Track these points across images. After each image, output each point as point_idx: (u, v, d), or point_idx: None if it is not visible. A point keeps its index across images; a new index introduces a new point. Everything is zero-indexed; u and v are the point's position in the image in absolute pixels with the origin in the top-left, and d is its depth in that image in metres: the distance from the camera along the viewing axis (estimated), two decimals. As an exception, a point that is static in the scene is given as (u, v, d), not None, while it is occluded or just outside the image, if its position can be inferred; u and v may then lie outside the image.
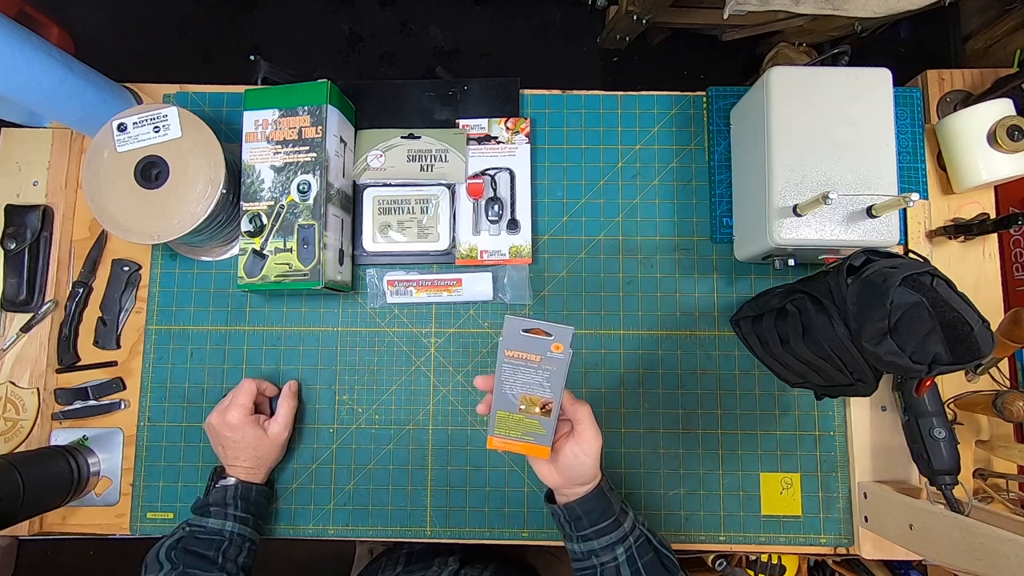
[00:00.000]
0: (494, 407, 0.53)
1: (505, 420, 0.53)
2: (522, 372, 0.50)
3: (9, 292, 0.71)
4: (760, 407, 0.71)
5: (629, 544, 0.55)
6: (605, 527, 0.55)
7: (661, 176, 0.75)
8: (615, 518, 0.55)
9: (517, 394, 0.51)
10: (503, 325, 0.49)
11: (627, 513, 0.57)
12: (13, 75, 0.58)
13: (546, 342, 0.48)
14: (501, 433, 0.54)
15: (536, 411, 0.52)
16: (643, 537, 0.56)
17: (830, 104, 0.61)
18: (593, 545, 0.55)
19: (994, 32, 1.30)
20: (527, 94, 0.76)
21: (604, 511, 0.55)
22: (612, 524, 0.55)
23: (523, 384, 0.51)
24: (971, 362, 0.49)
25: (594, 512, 0.54)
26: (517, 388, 0.51)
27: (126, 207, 0.62)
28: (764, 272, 0.73)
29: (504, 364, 0.50)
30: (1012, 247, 0.72)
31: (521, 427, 0.53)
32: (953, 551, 0.53)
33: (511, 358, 0.50)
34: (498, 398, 0.52)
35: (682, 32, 1.50)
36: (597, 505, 0.55)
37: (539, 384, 0.50)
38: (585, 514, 0.55)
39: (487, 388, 0.53)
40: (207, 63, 1.61)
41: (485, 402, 0.54)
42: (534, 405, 0.51)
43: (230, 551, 0.61)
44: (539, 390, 0.51)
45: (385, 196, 0.73)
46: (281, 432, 0.67)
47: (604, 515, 0.55)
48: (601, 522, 0.54)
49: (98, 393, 0.72)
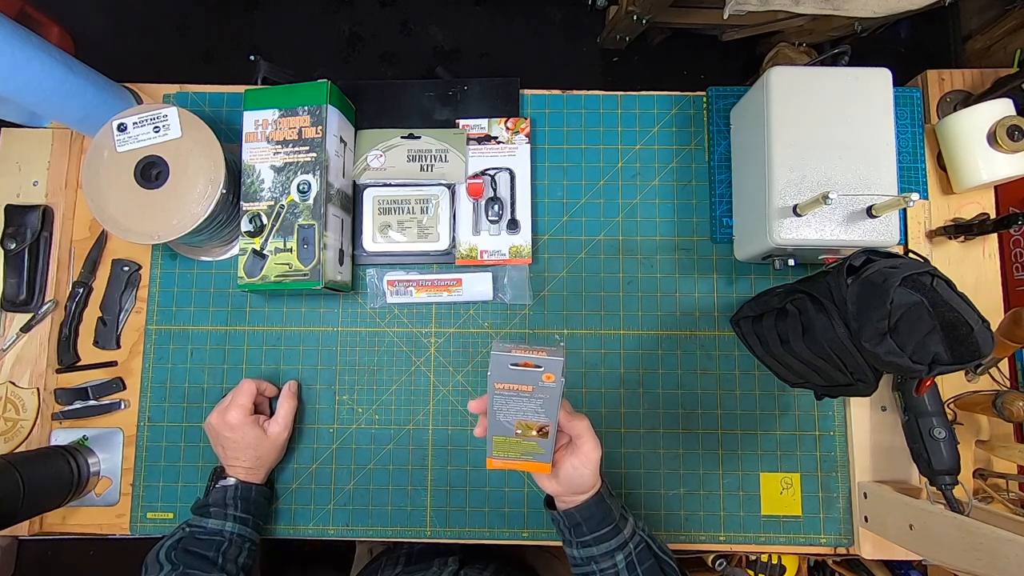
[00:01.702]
0: (489, 433, 0.51)
1: (502, 443, 0.52)
2: (514, 401, 0.48)
3: (9, 292, 0.71)
4: (760, 407, 0.71)
5: (629, 551, 0.55)
6: (605, 534, 0.54)
7: (661, 176, 0.75)
8: (615, 524, 0.55)
9: (512, 421, 0.50)
10: (490, 357, 0.46)
11: (627, 519, 0.57)
12: (13, 75, 0.58)
13: (536, 373, 0.46)
14: (500, 455, 0.53)
15: (533, 434, 0.50)
16: (643, 543, 0.56)
17: (830, 104, 0.61)
18: (592, 551, 0.55)
19: (994, 32, 1.30)
20: (527, 94, 0.76)
21: (604, 518, 0.54)
22: (612, 531, 0.54)
23: (517, 412, 0.49)
24: (971, 362, 0.49)
25: (594, 519, 0.54)
26: (511, 416, 0.49)
27: (126, 207, 0.62)
28: (764, 272, 0.73)
29: (496, 395, 0.48)
30: (1012, 247, 0.72)
31: (519, 448, 0.52)
32: (953, 551, 0.53)
33: (502, 390, 0.48)
34: (493, 425, 0.51)
35: (682, 32, 1.50)
36: (597, 512, 0.54)
37: (533, 411, 0.49)
38: (584, 520, 0.54)
39: (480, 411, 0.51)
40: (207, 63, 1.61)
41: (481, 425, 0.53)
42: (530, 429, 0.50)
43: (230, 551, 0.61)
44: (534, 416, 0.49)
45: (385, 196, 0.73)
46: (281, 432, 0.67)
47: (604, 522, 0.54)
48: (600, 529, 0.54)
49: (98, 393, 0.72)
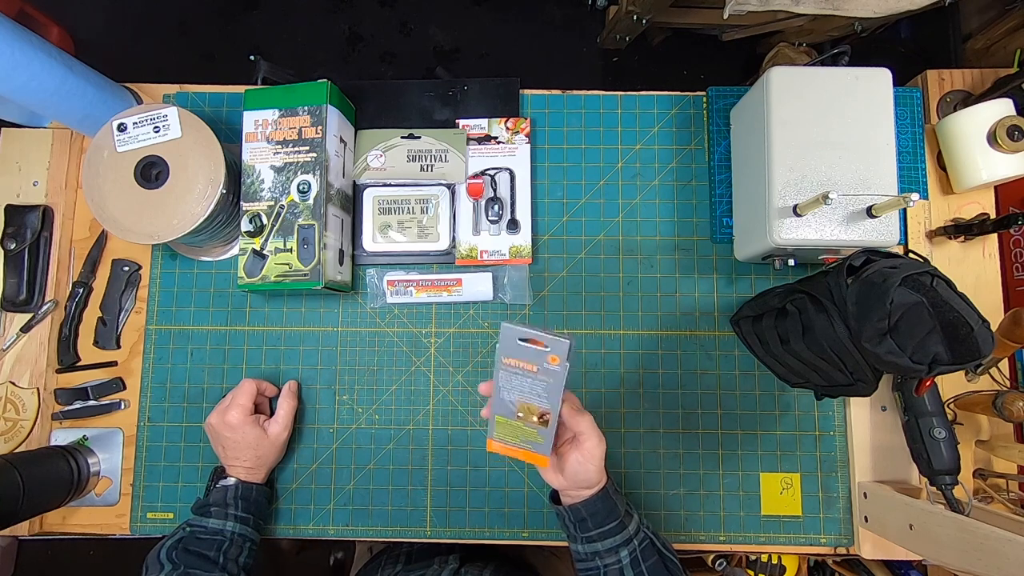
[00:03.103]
0: (493, 411, 0.52)
1: (504, 426, 0.52)
2: (519, 380, 0.49)
3: (9, 292, 0.71)
4: (760, 407, 0.71)
5: (633, 547, 0.55)
6: (609, 529, 0.54)
7: (661, 176, 0.75)
8: (619, 520, 0.55)
9: (515, 401, 0.50)
10: (500, 329, 0.48)
11: (632, 515, 0.57)
12: (13, 75, 0.58)
13: (542, 353, 0.47)
14: (500, 437, 0.53)
15: (534, 420, 0.51)
16: (647, 540, 0.56)
17: (830, 104, 0.61)
18: (597, 547, 0.55)
19: (994, 32, 1.30)
20: (527, 94, 0.76)
21: (609, 513, 0.55)
22: (617, 527, 0.55)
23: (520, 392, 0.50)
24: (971, 362, 0.49)
25: (599, 514, 0.54)
26: (514, 395, 0.50)
27: (126, 207, 0.62)
28: (764, 272, 0.73)
29: (501, 370, 0.49)
30: (1012, 247, 0.72)
31: (520, 434, 0.52)
32: (953, 551, 0.53)
33: (508, 365, 0.48)
34: (496, 403, 0.51)
35: (682, 32, 1.50)
36: (602, 507, 0.54)
37: (536, 394, 0.49)
38: (590, 516, 0.54)
39: (488, 393, 0.53)
40: (207, 63, 1.61)
41: (489, 406, 0.54)
42: (532, 414, 0.50)
43: (231, 551, 0.61)
44: (536, 400, 0.49)
45: (385, 196, 0.73)
46: (281, 432, 0.67)
47: (608, 517, 0.55)
48: (605, 524, 0.54)
49: (98, 393, 0.72)
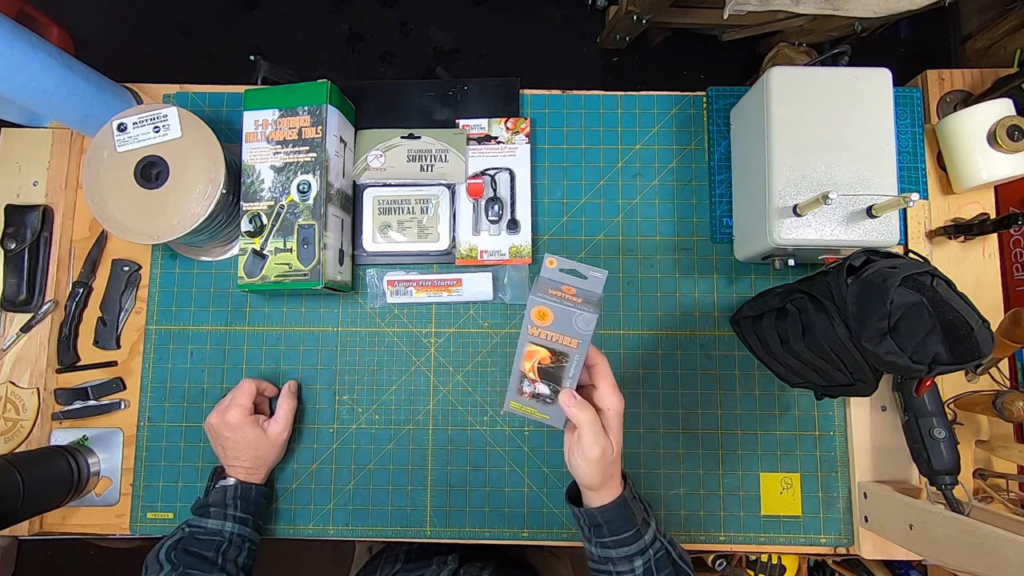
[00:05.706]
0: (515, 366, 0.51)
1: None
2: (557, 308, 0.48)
3: (9, 292, 0.71)
4: (760, 407, 0.71)
5: (648, 557, 0.54)
6: (625, 538, 0.54)
7: (661, 176, 0.75)
8: (636, 530, 0.54)
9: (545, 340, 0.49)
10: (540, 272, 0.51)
11: (649, 524, 0.56)
12: (13, 75, 0.58)
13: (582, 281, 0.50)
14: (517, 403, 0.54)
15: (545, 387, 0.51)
16: (663, 550, 0.56)
17: (830, 104, 0.61)
18: (611, 554, 0.55)
19: (994, 32, 1.30)
20: (527, 94, 0.76)
21: (626, 522, 0.54)
22: (633, 536, 0.54)
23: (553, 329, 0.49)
24: (971, 362, 0.49)
25: (615, 522, 0.54)
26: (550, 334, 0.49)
27: (126, 207, 0.62)
28: (764, 272, 0.73)
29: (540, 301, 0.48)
30: (1012, 247, 0.72)
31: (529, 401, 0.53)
32: (953, 551, 0.53)
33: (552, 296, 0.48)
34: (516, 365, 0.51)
35: (682, 32, 1.50)
36: (619, 515, 0.54)
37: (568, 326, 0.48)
38: (606, 523, 0.54)
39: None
40: (207, 63, 1.61)
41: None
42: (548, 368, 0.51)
43: (230, 551, 0.61)
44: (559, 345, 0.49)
45: (385, 196, 0.73)
46: (281, 432, 0.67)
47: (625, 526, 0.54)
48: (621, 533, 0.54)
49: (98, 393, 0.72)
